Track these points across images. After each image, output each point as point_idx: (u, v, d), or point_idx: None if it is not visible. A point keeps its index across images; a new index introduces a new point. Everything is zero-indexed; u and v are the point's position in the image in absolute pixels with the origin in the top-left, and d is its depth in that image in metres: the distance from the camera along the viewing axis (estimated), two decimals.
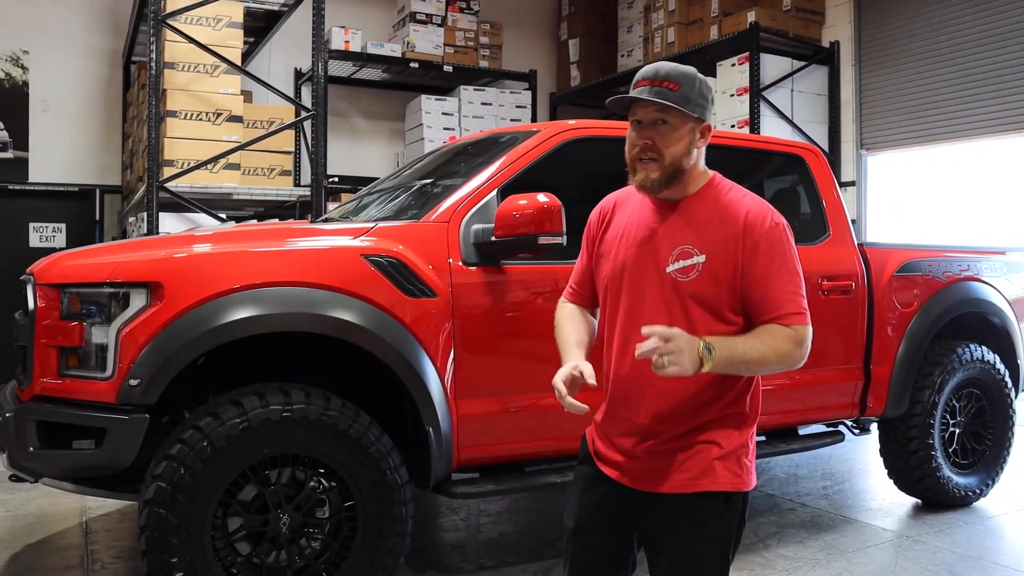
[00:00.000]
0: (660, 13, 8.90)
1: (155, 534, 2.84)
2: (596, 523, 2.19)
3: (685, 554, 2.03)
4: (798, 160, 4.60)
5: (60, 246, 8.35)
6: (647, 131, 2.03)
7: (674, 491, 2.04)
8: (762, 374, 2.06)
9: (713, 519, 2.03)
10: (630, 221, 2.17)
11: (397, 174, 4.60)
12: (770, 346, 1.96)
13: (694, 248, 2.03)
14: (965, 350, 4.83)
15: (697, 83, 2.05)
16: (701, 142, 2.08)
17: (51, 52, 8.22)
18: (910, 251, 4.75)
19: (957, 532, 4.46)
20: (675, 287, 2.04)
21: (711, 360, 1.87)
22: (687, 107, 2.01)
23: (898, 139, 8.05)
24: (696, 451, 2.04)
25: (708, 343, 1.88)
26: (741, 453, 2.07)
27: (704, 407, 2.06)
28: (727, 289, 2.02)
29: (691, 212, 2.08)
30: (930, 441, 4.70)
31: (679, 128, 2.03)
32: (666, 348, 1.82)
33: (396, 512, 3.14)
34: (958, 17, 7.54)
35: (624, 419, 2.13)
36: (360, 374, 3.47)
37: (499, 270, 3.44)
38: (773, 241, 2.01)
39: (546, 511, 4.80)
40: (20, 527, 4.43)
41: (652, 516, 2.08)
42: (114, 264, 3.01)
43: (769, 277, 1.99)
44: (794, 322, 1.98)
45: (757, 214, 2.03)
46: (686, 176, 2.07)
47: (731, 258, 2.01)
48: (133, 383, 2.88)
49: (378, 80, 9.51)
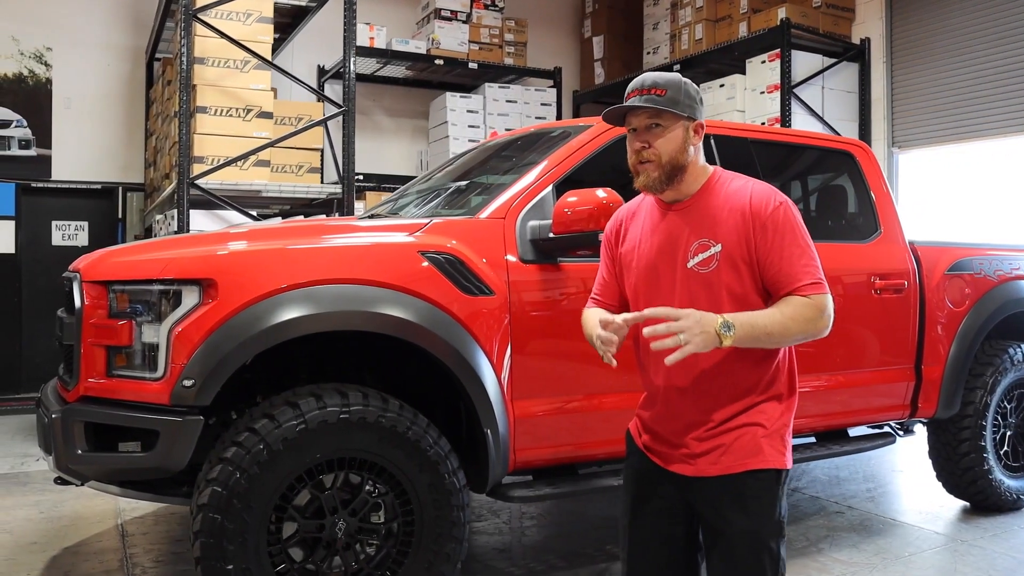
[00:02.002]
0: (687, 10, 8.79)
1: (210, 540, 2.74)
2: (653, 516, 2.25)
3: (744, 530, 2.09)
4: (848, 156, 4.50)
5: (83, 244, 8.30)
6: (643, 135, 2.17)
7: (726, 472, 2.11)
8: (787, 344, 2.12)
9: (766, 495, 2.11)
10: (644, 229, 2.28)
11: (440, 170, 4.51)
12: (790, 315, 2.04)
13: (710, 240, 2.13)
14: (1017, 350, 4.73)
15: (683, 87, 2.19)
16: (695, 139, 2.19)
17: (74, 49, 8.17)
18: (961, 249, 4.65)
19: (1013, 537, 4.35)
20: (699, 280, 2.14)
21: (730, 336, 1.96)
22: (676, 108, 2.14)
23: (930, 137, 7.93)
24: (742, 433, 2.12)
25: (726, 319, 1.97)
26: (784, 432, 2.15)
27: (744, 393, 2.14)
28: (747, 273, 2.11)
29: (699, 208, 2.18)
30: (982, 443, 4.60)
31: (672, 128, 2.15)
32: (677, 327, 1.93)
33: (454, 517, 3.05)
34: (990, 12, 7.40)
35: (670, 412, 2.20)
36: (408, 374, 3.39)
37: (556, 267, 3.35)
38: (780, 220, 2.10)
39: (590, 514, 4.70)
40: (55, 529, 4.35)
41: (706, 499, 2.14)
42: (165, 261, 2.92)
43: (782, 253, 2.09)
44: (811, 291, 2.07)
45: (761, 197, 2.13)
46: (686, 173, 2.18)
47: (744, 242, 2.11)
48: (187, 384, 2.79)
49: (401, 77, 9.43)
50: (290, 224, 3.75)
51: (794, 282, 2.07)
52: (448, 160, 4.65)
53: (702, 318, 1.96)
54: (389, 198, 4.58)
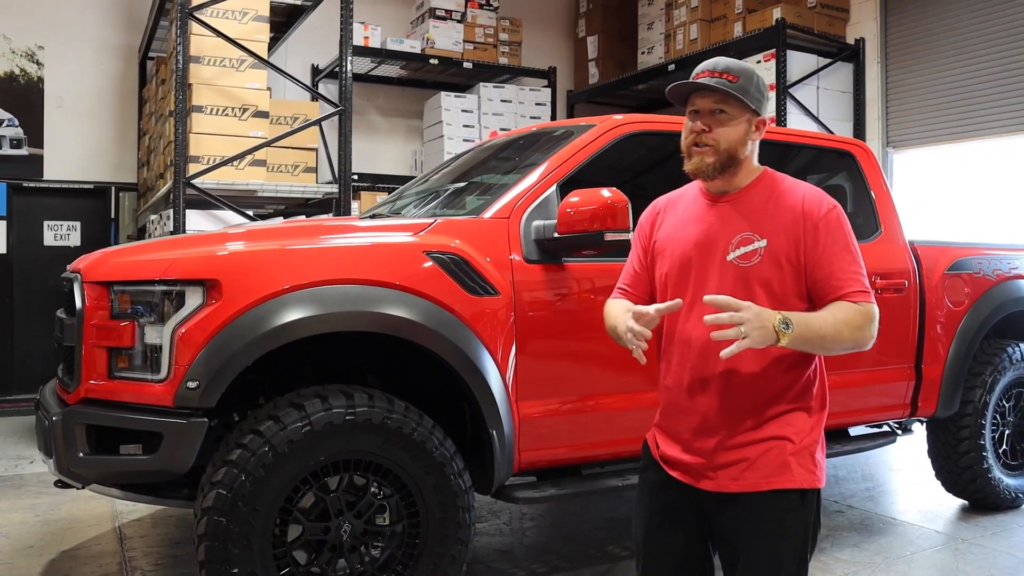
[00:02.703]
0: (682, 10, 8.79)
1: (215, 543, 2.71)
2: (667, 529, 2.16)
3: (763, 553, 2.01)
4: (849, 156, 4.51)
5: (75, 244, 8.24)
6: (705, 118, 2.09)
7: (748, 490, 2.02)
8: (835, 353, 2.02)
9: (790, 517, 2.01)
10: (684, 218, 2.21)
11: (440, 169, 4.49)
12: (843, 321, 1.97)
13: (754, 234, 2.06)
14: (1015, 349, 4.74)
15: (755, 78, 2.11)
16: (756, 135, 2.12)
17: (66, 48, 8.10)
18: (960, 249, 4.66)
19: (1013, 535, 4.36)
20: (738, 274, 2.06)
21: (788, 335, 1.88)
22: (746, 98, 2.07)
23: (924, 136, 7.95)
24: (768, 447, 2.02)
25: (786, 317, 1.89)
26: (814, 448, 2.05)
27: (772, 401, 2.04)
28: (791, 273, 2.04)
29: (745, 203, 2.12)
30: (981, 442, 4.61)
31: (736, 118, 2.08)
32: (738, 317, 1.84)
33: (460, 519, 3.03)
34: (984, 12, 7.43)
35: (691, 418, 2.11)
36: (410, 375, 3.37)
37: (560, 267, 3.33)
38: (832, 224, 2.04)
39: (590, 514, 4.69)
40: (52, 532, 4.31)
41: (726, 517, 2.06)
42: (168, 261, 2.89)
43: (832, 257, 2.02)
44: (860, 299, 2.00)
45: (814, 199, 2.08)
46: (740, 167, 2.12)
47: (792, 241, 2.04)
48: (191, 385, 2.76)
49: (395, 77, 9.40)
50: (293, 224, 3.73)
51: (844, 287, 2.01)
52: (448, 160, 4.64)
53: (761, 312, 1.87)
54: (389, 197, 4.56)
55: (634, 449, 3.57)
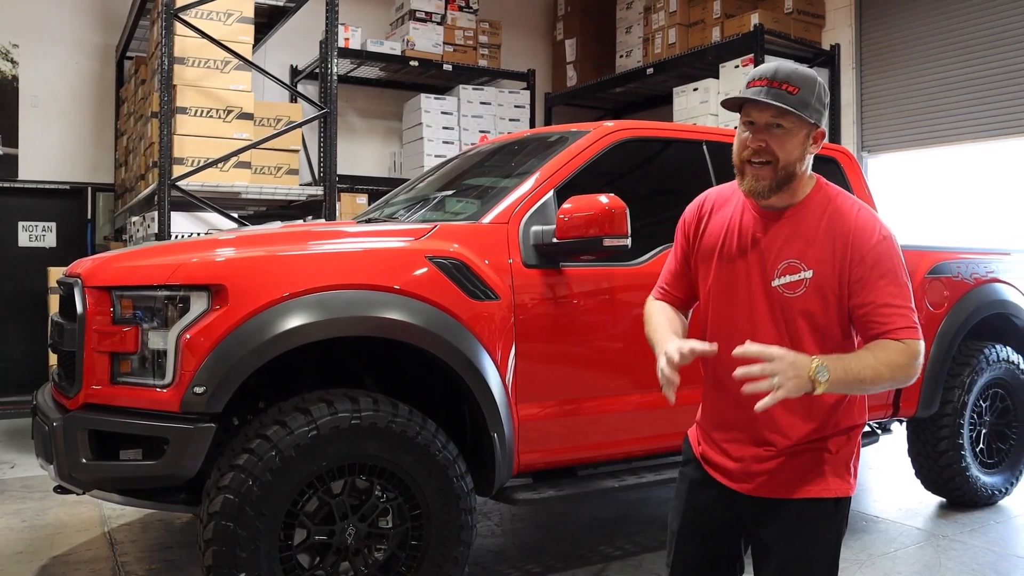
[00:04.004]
0: (661, 14, 8.88)
1: (222, 548, 2.72)
2: (702, 526, 2.18)
3: (797, 558, 2.02)
4: (833, 162, 4.60)
5: (50, 246, 8.16)
6: (762, 134, 1.96)
7: (785, 496, 2.04)
8: (878, 391, 1.98)
9: (824, 523, 2.03)
10: (731, 227, 2.11)
11: (433, 173, 4.51)
12: (884, 362, 1.88)
13: (801, 263, 1.98)
14: (991, 351, 4.87)
15: (817, 87, 1.99)
16: (813, 148, 2.02)
17: (42, 46, 7.99)
18: (940, 253, 4.77)
19: (990, 531, 4.49)
20: (782, 303, 2.01)
21: (824, 383, 1.80)
22: (806, 112, 1.95)
23: (898, 141, 8.12)
24: (806, 458, 2.04)
25: (822, 364, 1.80)
26: (849, 458, 2.07)
27: (818, 424, 2.03)
28: (835, 305, 1.98)
29: (798, 222, 2.02)
30: (960, 441, 4.73)
31: (796, 134, 1.96)
32: (771, 369, 1.77)
33: (463, 521, 3.07)
34: (958, 21, 7.61)
35: (733, 426, 2.11)
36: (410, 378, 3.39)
37: (558, 272, 3.38)
38: (881, 255, 1.95)
39: (580, 515, 4.74)
40: (41, 538, 4.27)
41: (762, 521, 2.08)
42: (173, 266, 2.89)
43: (878, 292, 1.93)
44: (905, 336, 1.91)
45: (865, 227, 1.97)
46: (795, 183, 2.01)
47: (837, 272, 1.96)
48: (198, 391, 2.77)
49: (374, 78, 9.38)
50: (293, 229, 3.73)
51: (889, 324, 1.92)
52: (440, 163, 4.66)
53: (796, 360, 1.79)
54: (381, 201, 4.58)
55: (632, 451, 3.67)
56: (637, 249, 3.42)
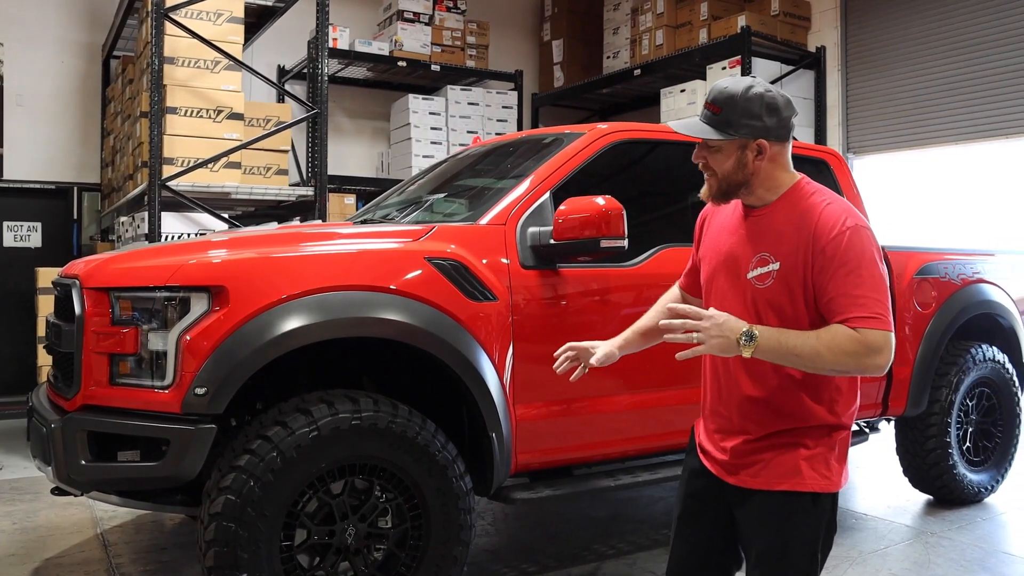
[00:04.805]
0: (648, 16, 8.93)
1: (224, 549, 2.73)
2: (697, 512, 2.28)
3: (773, 549, 2.09)
4: (823, 164, 4.64)
5: (36, 246, 8.10)
6: (701, 151, 2.14)
7: (763, 487, 2.10)
8: (823, 373, 2.01)
9: (800, 517, 2.08)
10: (722, 227, 2.26)
11: (426, 174, 4.52)
12: (827, 344, 1.92)
13: (771, 256, 2.08)
14: (978, 350, 4.93)
15: (741, 103, 2.06)
16: (758, 159, 2.08)
17: (27, 45, 7.94)
18: (928, 254, 4.83)
19: (978, 528, 4.55)
20: (754, 294, 2.11)
21: (750, 347, 1.92)
22: (727, 131, 2.06)
23: (883, 143, 8.21)
24: (783, 451, 2.09)
25: (751, 330, 1.93)
26: (829, 455, 2.09)
27: (788, 414, 2.09)
28: (801, 296, 2.04)
29: (771, 219, 2.12)
30: (947, 439, 4.79)
31: (725, 150, 2.09)
32: (692, 325, 1.96)
33: (462, 520, 3.09)
34: (943, 24, 7.70)
35: (719, 416, 2.22)
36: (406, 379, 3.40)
37: (555, 273, 3.40)
38: (842, 246, 1.99)
39: (573, 515, 4.77)
40: (32, 540, 4.25)
41: (744, 510, 2.15)
42: (173, 267, 2.89)
43: (838, 281, 1.98)
44: (860, 325, 1.93)
45: (828, 220, 2.03)
46: (753, 187, 2.12)
47: (801, 265, 2.03)
48: (199, 392, 2.77)
49: (362, 78, 9.38)
50: (291, 230, 3.73)
51: (844, 312, 1.95)
52: (434, 164, 4.67)
53: (724, 322, 1.94)
54: (375, 202, 4.58)
55: (628, 450, 3.70)
56: (633, 250, 3.45)
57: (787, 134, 2.12)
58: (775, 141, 2.09)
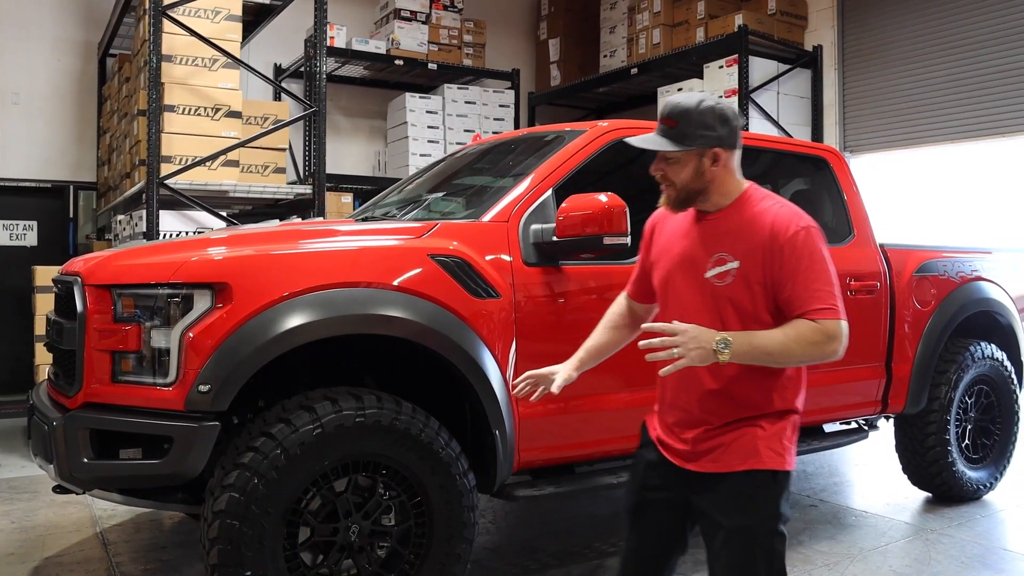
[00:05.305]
0: (645, 15, 8.93)
1: (228, 547, 2.72)
2: (654, 503, 2.39)
3: (738, 527, 2.20)
4: (822, 162, 4.66)
5: (32, 244, 8.07)
6: (660, 163, 2.27)
7: (725, 470, 2.22)
8: (794, 365, 2.18)
9: (762, 492, 2.21)
10: (674, 231, 2.38)
11: (426, 172, 4.51)
12: (793, 338, 2.08)
13: (728, 255, 2.20)
14: (977, 348, 4.95)
15: (696, 116, 2.19)
16: (714, 166, 2.22)
17: (22, 43, 7.91)
18: (927, 252, 4.84)
19: (977, 525, 4.56)
20: (713, 292, 2.22)
21: (726, 353, 2.05)
22: (684, 142, 2.19)
23: (880, 142, 8.22)
24: (742, 435, 2.22)
25: (724, 337, 2.05)
26: (783, 435, 2.24)
27: (747, 404, 2.22)
28: (760, 293, 2.17)
29: (725, 222, 2.25)
30: (946, 437, 4.80)
31: (683, 161, 2.22)
32: (671, 341, 2.05)
33: (465, 518, 3.08)
34: (939, 23, 7.72)
35: (678, 409, 2.32)
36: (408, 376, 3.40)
37: (558, 270, 3.40)
38: (797, 244, 2.14)
39: (574, 513, 4.77)
40: (32, 539, 4.23)
41: (707, 494, 2.26)
42: (176, 264, 2.87)
43: (796, 277, 2.12)
44: (820, 316, 2.09)
45: (782, 220, 2.17)
46: (709, 193, 2.25)
47: (760, 264, 2.16)
48: (203, 389, 2.76)
49: (358, 77, 9.36)
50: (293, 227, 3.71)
51: (804, 306, 2.11)
52: (434, 162, 4.66)
53: (699, 334, 2.05)
54: (375, 199, 4.57)
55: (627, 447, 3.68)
56: (636, 247, 3.43)
57: (737, 142, 2.26)
58: (728, 149, 2.23)
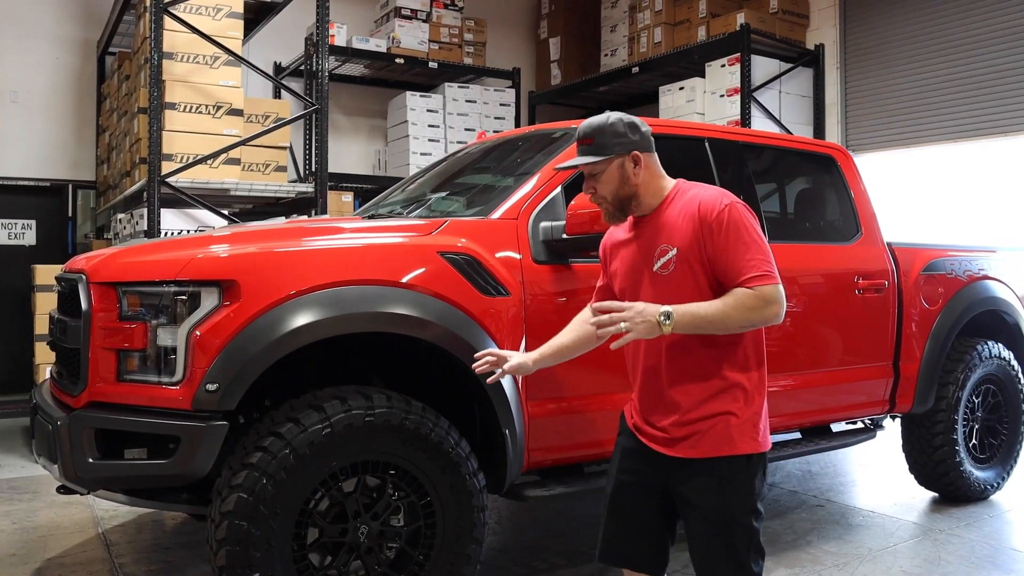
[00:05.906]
0: (646, 13, 8.90)
1: (236, 548, 2.68)
2: (631, 485, 2.49)
3: (715, 509, 2.33)
4: (830, 160, 4.63)
5: (30, 243, 8.02)
6: (590, 182, 2.46)
7: (702, 456, 2.34)
8: (734, 331, 2.31)
9: (738, 477, 2.34)
10: (622, 242, 2.55)
11: (431, 169, 4.48)
12: (731, 305, 2.25)
13: (667, 245, 2.37)
14: (984, 347, 4.92)
15: (608, 128, 2.41)
16: (636, 169, 2.40)
17: (21, 41, 7.86)
18: (934, 251, 4.82)
19: (985, 525, 4.54)
20: (663, 280, 2.38)
21: (669, 324, 2.21)
22: (603, 153, 2.39)
23: (881, 141, 8.20)
24: (716, 422, 2.34)
25: (666, 310, 2.22)
26: (756, 420, 2.38)
27: (710, 376, 2.35)
28: (701, 271, 2.33)
29: (660, 218, 2.42)
30: (954, 436, 4.78)
31: (607, 170, 2.41)
32: (618, 317, 2.23)
33: (475, 518, 3.05)
34: (941, 22, 7.70)
35: (653, 398, 2.44)
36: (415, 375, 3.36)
37: (567, 267, 3.36)
38: (725, 221, 2.30)
39: (580, 512, 4.74)
40: (34, 540, 4.19)
41: (686, 480, 2.37)
42: (183, 261, 2.83)
43: (728, 251, 2.29)
44: (756, 283, 2.26)
45: (708, 201, 2.33)
46: (640, 197, 2.42)
47: (696, 244, 2.32)
48: (211, 388, 2.72)
49: (358, 76, 9.32)
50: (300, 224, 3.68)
51: (740, 275, 2.27)
52: (440, 159, 4.62)
53: (644, 309, 2.22)
54: (380, 197, 4.54)
55: None
56: None
57: (651, 145, 2.45)
58: (644, 151, 2.42)
